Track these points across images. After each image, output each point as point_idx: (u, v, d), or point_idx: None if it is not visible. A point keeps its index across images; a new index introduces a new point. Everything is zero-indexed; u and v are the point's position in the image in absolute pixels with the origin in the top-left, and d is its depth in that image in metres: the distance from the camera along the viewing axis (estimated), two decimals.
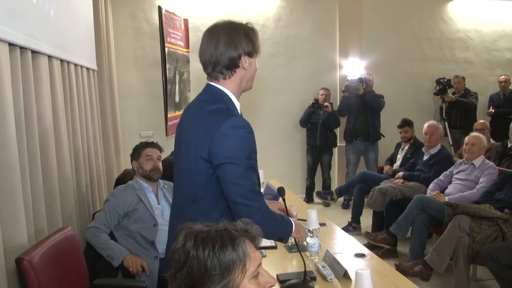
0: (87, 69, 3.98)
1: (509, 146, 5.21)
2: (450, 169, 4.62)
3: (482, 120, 6.01)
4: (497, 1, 7.91)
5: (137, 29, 6.25)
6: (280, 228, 1.91)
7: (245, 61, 1.87)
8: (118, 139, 5.34)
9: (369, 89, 6.41)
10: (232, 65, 1.85)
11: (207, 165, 1.77)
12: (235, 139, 1.74)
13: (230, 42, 1.83)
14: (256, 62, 1.96)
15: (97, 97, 4.40)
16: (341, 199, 6.47)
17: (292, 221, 1.99)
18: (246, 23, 1.94)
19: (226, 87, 1.87)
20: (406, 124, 5.58)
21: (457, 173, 4.51)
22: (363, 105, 6.32)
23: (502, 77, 7.54)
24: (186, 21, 5.84)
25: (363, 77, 6.41)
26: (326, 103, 6.44)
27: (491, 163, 4.43)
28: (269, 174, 4.15)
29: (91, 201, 3.75)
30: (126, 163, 4.79)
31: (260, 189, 1.84)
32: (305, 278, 2.20)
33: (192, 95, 5.84)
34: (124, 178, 3.74)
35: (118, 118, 5.42)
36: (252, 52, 1.89)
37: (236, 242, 1.21)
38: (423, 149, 5.14)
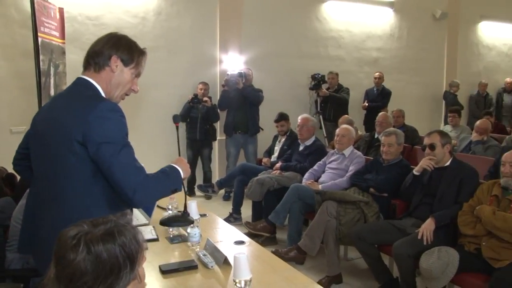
0: None
1: (376, 137, 5.69)
2: (323, 159, 4.93)
3: (346, 115, 6.48)
4: (365, 5, 8.59)
5: (4, 16, 5.76)
6: (169, 182, 1.98)
7: (115, 64, 1.92)
8: None
9: (248, 83, 6.60)
10: (103, 61, 1.91)
11: (82, 148, 1.78)
12: (112, 121, 1.80)
13: (110, 41, 1.94)
14: (134, 81, 2.03)
15: None
16: (222, 191, 6.57)
17: (175, 166, 2.04)
18: (143, 48, 2.09)
19: (95, 81, 1.92)
20: (282, 118, 5.81)
21: (329, 162, 4.83)
22: (243, 99, 6.49)
23: (377, 73, 8.21)
24: (61, 10, 5.52)
25: (242, 71, 6.58)
26: (205, 98, 6.50)
27: (359, 153, 4.82)
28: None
29: None
30: None
31: (140, 164, 1.88)
32: (184, 211, 2.26)
33: None
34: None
35: None
36: (126, 61, 1.96)
37: (135, 232, 1.23)
38: (299, 140, 5.41)
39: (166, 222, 2.35)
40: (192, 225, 2.58)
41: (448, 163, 3.66)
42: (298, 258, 4.09)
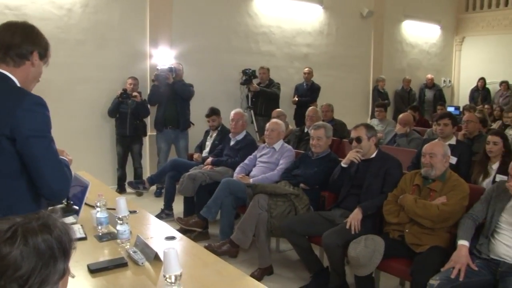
0: None
1: (306, 131, 5.81)
2: (254, 153, 4.98)
3: (279, 109, 6.58)
4: (296, 2, 8.72)
5: None
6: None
7: (35, 58, 1.93)
8: None
9: (178, 78, 6.53)
10: (24, 56, 1.90)
11: (8, 142, 1.77)
12: (40, 115, 1.82)
13: (28, 36, 1.91)
14: (41, 68, 2.01)
15: None
16: (154, 187, 6.48)
17: (64, 158, 2.07)
18: None
19: (13, 75, 1.89)
20: (213, 113, 5.81)
21: (260, 156, 4.88)
22: (173, 94, 6.41)
23: (306, 69, 8.38)
24: None
25: (173, 66, 6.50)
26: (134, 93, 6.36)
27: (289, 147, 4.90)
28: (77, 166, 3.97)
29: None
30: None
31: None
32: (67, 202, 2.23)
33: None
34: None
35: None
36: (43, 54, 1.97)
37: (67, 227, 1.20)
38: (230, 135, 5.42)
39: None
40: (121, 222, 2.53)
41: (373, 155, 3.81)
42: (231, 252, 4.11)
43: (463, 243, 2.93)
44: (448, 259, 2.89)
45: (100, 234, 2.68)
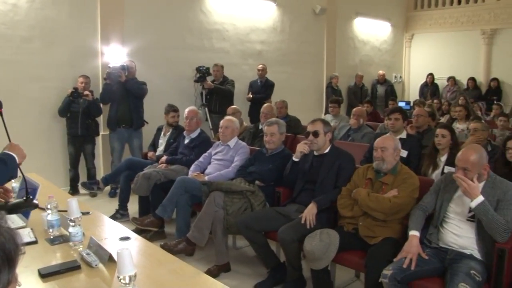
0: None
1: (260, 128, 5.83)
2: (209, 151, 4.96)
3: (234, 106, 6.59)
4: None
5: None
6: (7, 170, 1.99)
7: None
8: None
9: (131, 76, 6.43)
10: None
11: None
12: None
13: None
14: None
15: None
16: (108, 188, 6.36)
17: (9, 153, 2.03)
18: None
19: None
20: (172, 109, 5.75)
21: (215, 154, 4.87)
22: (126, 93, 6.31)
23: (260, 66, 8.41)
24: None
25: (125, 64, 6.39)
26: (86, 92, 6.20)
27: (244, 143, 4.91)
28: (27, 168, 3.85)
29: None
30: None
31: None
32: (27, 196, 2.18)
33: None
34: None
35: None
36: None
37: (13, 233, 1.12)
38: (184, 133, 5.38)
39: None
40: (73, 224, 2.47)
41: (327, 151, 3.87)
42: (187, 250, 4.09)
43: (414, 234, 3.03)
44: (401, 249, 2.98)
45: (52, 237, 2.61)
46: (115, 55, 6.80)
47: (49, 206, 2.71)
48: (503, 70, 11.56)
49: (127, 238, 2.65)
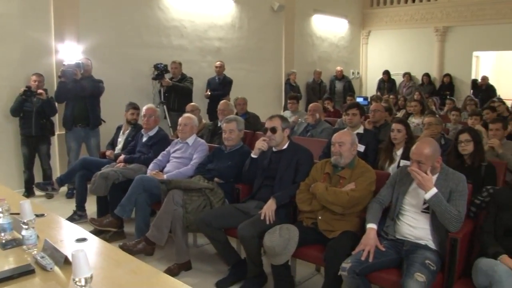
0: None
1: (219, 125, 5.81)
2: (167, 149, 4.91)
3: (192, 103, 6.55)
4: None
5: None
6: None
7: None
8: None
9: (87, 74, 6.28)
10: None
11: None
12: None
13: None
14: None
15: None
16: (65, 188, 6.23)
17: None
18: None
19: None
20: (132, 106, 5.66)
21: (173, 152, 4.82)
22: (82, 91, 6.14)
23: (218, 62, 8.39)
24: None
25: (80, 62, 6.22)
26: (40, 90, 6.02)
27: (202, 141, 4.89)
28: None
29: None
30: None
31: None
32: None
33: None
34: None
35: None
36: None
37: None
38: (142, 131, 5.31)
39: None
40: (26, 226, 2.41)
41: (285, 146, 3.90)
42: (147, 250, 4.04)
43: (371, 226, 3.10)
44: (359, 242, 3.03)
45: (4, 241, 2.54)
46: (70, 52, 6.62)
47: (0, 210, 2.63)
48: (455, 66, 11.97)
49: (83, 240, 2.60)
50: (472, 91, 11.77)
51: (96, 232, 4.36)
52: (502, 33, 11.20)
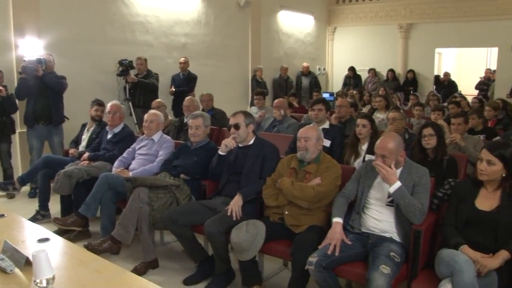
0: None
1: (185, 121, 5.77)
2: (133, 146, 4.85)
3: (158, 99, 6.49)
4: None
5: None
6: None
7: None
8: None
9: (49, 70, 6.12)
10: None
11: None
12: None
13: None
14: None
15: None
16: (27, 188, 6.07)
17: None
18: None
19: None
20: (100, 103, 5.57)
21: (139, 148, 4.76)
22: (44, 87, 5.99)
23: (182, 59, 8.34)
24: None
25: (42, 57, 6.06)
26: None
27: (168, 137, 4.85)
28: None
29: None
30: None
31: None
32: None
33: None
34: None
35: None
36: None
37: None
38: (107, 128, 5.22)
39: None
40: None
41: (251, 142, 3.90)
42: (112, 249, 3.98)
43: (337, 220, 3.13)
44: (325, 236, 3.06)
45: None
46: (30, 47, 6.45)
47: None
48: (418, 63, 12.25)
49: (46, 240, 2.56)
50: (434, 86, 12.07)
51: (60, 232, 4.27)
52: (462, 31, 11.52)
